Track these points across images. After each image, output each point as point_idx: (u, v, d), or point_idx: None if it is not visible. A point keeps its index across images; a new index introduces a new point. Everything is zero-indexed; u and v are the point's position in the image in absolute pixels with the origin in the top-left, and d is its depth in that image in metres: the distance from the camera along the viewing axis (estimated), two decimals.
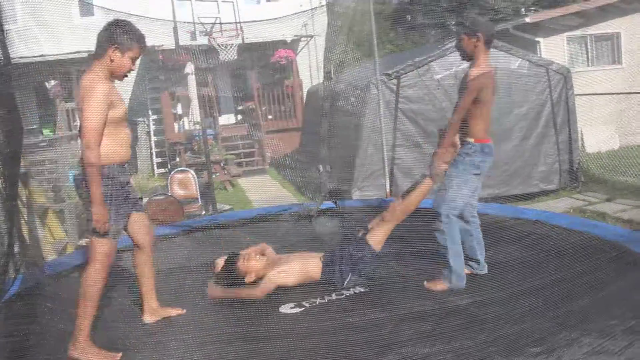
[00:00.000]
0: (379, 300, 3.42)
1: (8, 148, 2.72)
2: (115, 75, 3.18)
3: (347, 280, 3.66)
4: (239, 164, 13.82)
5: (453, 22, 3.73)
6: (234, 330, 3.17)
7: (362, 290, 3.62)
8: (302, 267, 3.75)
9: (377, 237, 3.74)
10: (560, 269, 3.52)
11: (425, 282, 3.60)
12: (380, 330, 3.03)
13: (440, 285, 3.54)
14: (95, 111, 2.95)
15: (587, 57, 13.14)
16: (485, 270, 3.73)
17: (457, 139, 3.56)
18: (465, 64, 3.77)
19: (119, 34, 3.12)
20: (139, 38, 3.20)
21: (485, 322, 3.02)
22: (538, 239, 4.14)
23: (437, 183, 3.67)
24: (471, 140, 3.55)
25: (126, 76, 3.23)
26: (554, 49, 12.60)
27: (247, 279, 3.69)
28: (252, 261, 3.74)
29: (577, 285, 3.27)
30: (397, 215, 3.77)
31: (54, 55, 12.37)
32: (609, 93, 10.29)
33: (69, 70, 13.58)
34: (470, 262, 3.70)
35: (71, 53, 12.85)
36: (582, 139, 11.04)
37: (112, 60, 3.12)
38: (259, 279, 3.70)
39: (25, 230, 5.38)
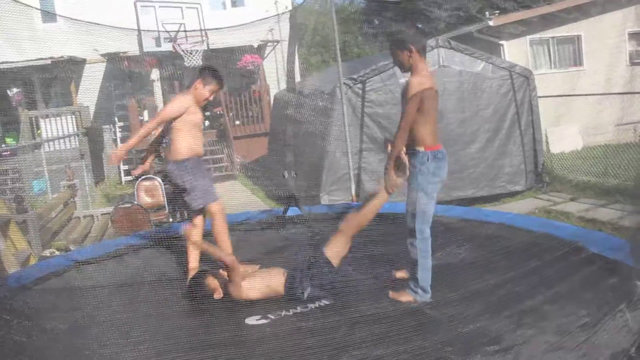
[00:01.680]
0: (335, 305, 3.43)
1: None
2: (197, 100, 4.34)
3: (307, 292, 3.66)
4: (207, 170, 13.72)
5: (387, 37, 3.80)
6: (195, 339, 3.15)
7: (327, 302, 3.61)
8: (266, 283, 3.76)
9: (334, 251, 3.74)
10: (514, 268, 3.57)
11: (390, 293, 3.60)
12: (334, 333, 3.04)
13: (405, 297, 3.53)
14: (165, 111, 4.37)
15: (550, 60, 13.40)
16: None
17: (403, 153, 3.56)
18: (429, 67, 3.79)
19: (205, 73, 4.35)
20: (218, 79, 4.38)
21: (440, 323, 3.05)
22: (492, 239, 4.20)
23: (392, 195, 3.69)
24: (422, 149, 3.54)
25: (205, 102, 4.41)
26: (517, 51, 12.82)
27: (216, 296, 3.72)
28: (218, 278, 3.79)
29: (531, 284, 3.33)
30: (352, 228, 3.79)
31: (15, 62, 12.15)
32: (572, 95, 10.48)
33: (31, 78, 13.36)
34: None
35: (33, 60, 12.63)
36: (546, 140, 11.22)
37: (195, 89, 4.35)
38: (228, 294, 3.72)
39: None
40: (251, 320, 3.46)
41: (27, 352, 2.94)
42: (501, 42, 13.02)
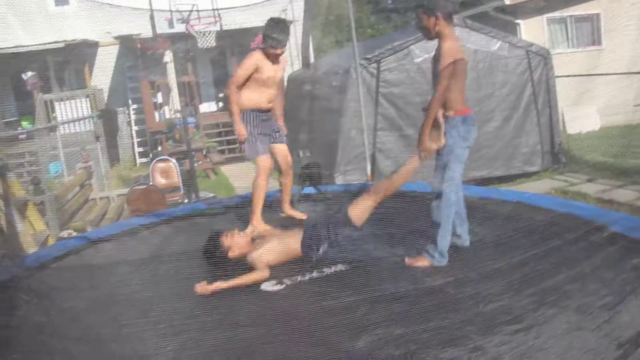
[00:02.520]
0: (358, 280, 3.42)
1: None
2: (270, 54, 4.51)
3: (322, 249, 3.65)
4: (221, 152, 13.75)
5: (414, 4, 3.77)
6: (214, 317, 3.16)
7: (342, 268, 3.62)
8: (283, 244, 3.76)
9: (358, 211, 3.73)
10: (534, 247, 3.53)
11: (406, 259, 3.60)
12: (355, 312, 3.03)
13: (422, 262, 3.54)
14: (239, 70, 4.59)
15: (567, 38, 13.19)
16: (466, 244, 3.76)
17: (440, 117, 3.54)
18: None
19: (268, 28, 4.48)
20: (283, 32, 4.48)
21: (461, 302, 3.03)
22: (513, 219, 4.16)
23: (424, 161, 3.66)
24: (451, 113, 3.53)
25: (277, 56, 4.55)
26: (534, 30, 12.64)
27: (231, 254, 3.71)
28: (236, 237, 3.77)
29: (552, 263, 3.29)
30: (380, 191, 3.77)
31: (30, 46, 12.19)
32: (589, 74, 10.34)
33: (46, 61, 13.40)
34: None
35: (47, 43, 12.66)
36: (563, 120, 11.09)
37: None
38: (242, 256, 3.71)
39: (4, 222, 5.33)
40: (267, 286, 3.47)
41: (47, 330, 2.96)
42: (517, 21, 12.84)
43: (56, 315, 3.22)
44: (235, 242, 3.75)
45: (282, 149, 4.78)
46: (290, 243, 3.75)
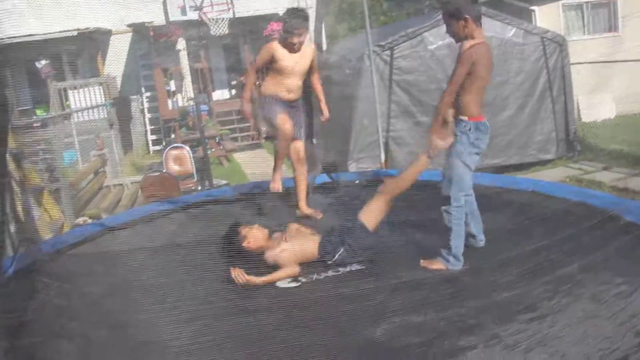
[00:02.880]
0: (373, 271, 3.43)
1: None
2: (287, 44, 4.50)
3: (339, 254, 3.66)
4: (234, 139, 13.78)
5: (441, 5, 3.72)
6: (230, 304, 3.19)
7: (358, 267, 3.62)
8: (300, 246, 3.75)
9: (370, 215, 3.71)
10: (549, 235, 3.53)
11: (421, 261, 3.59)
12: (373, 300, 3.04)
13: (436, 265, 3.51)
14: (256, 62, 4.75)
15: (584, 25, 13.03)
16: (481, 244, 3.73)
17: (449, 115, 3.50)
18: None
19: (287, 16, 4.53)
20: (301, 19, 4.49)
21: (477, 290, 3.04)
22: (527, 207, 4.15)
23: (432, 159, 3.64)
24: (465, 118, 3.47)
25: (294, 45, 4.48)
26: (549, 17, 12.50)
27: (245, 244, 3.73)
28: (254, 230, 3.79)
29: (566, 252, 3.29)
30: (390, 192, 3.75)
31: (42, 34, 12.24)
32: (605, 61, 10.22)
33: (59, 50, 13.45)
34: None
35: (61, 32, 12.70)
36: (578, 108, 11.00)
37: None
38: (259, 249, 3.73)
39: (20, 209, 5.39)
40: (282, 283, 3.49)
41: (66, 314, 3.00)
42: (532, 7, 12.69)
43: (75, 300, 3.27)
44: (253, 234, 3.76)
45: (295, 143, 4.74)
46: (308, 246, 3.75)
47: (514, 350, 2.48)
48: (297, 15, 4.53)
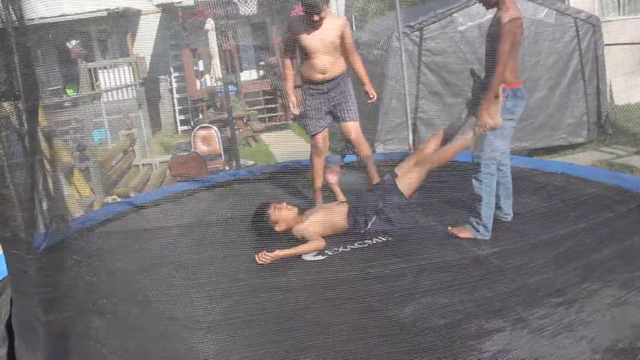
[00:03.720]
0: (401, 250, 3.43)
1: (26, 103, 2.76)
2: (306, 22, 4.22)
3: (371, 222, 3.66)
4: (262, 120, 13.81)
5: None
6: (258, 282, 3.23)
7: (384, 239, 3.63)
8: (329, 217, 3.77)
9: (408, 182, 3.71)
10: (581, 219, 3.48)
11: (449, 228, 3.59)
12: (401, 280, 3.05)
13: (465, 234, 3.53)
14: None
15: (619, 5, 12.68)
16: (508, 219, 3.72)
17: (500, 92, 3.46)
18: (489, 15, 3.67)
19: None
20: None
21: (506, 273, 3.02)
22: (559, 190, 4.09)
23: (478, 137, 3.60)
24: (503, 85, 3.43)
25: (314, 22, 4.19)
26: None
27: (277, 228, 3.76)
28: (283, 211, 3.80)
29: (598, 237, 3.24)
30: (430, 162, 3.73)
31: (74, 14, 12.35)
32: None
33: (89, 30, 13.57)
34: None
35: (91, 12, 12.81)
36: (610, 90, 10.76)
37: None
38: (289, 230, 3.77)
39: (51, 186, 5.49)
40: (308, 257, 3.52)
41: (97, 290, 3.06)
42: None
43: (105, 276, 3.33)
44: (282, 216, 3.78)
45: (344, 126, 4.49)
46: (336, 217, 3.76)
47: (540, 334, 2.47)
48: None
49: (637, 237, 3.20)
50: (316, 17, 4.17)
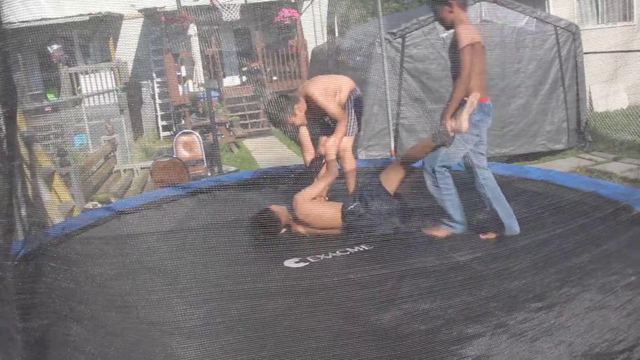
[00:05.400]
0: (382, 256, 3.46)
1: (4, 107, 2.74)
2: None
3: (352, 205, 3.75)
4: (244, 126, 13.79)
5: None
6: (239, 288, 3.21)
7: (366, 248, 3.65)
8: (324, 214, 3.88)
9: (389, 179, 3.83)
10: (560, 225, 3.52)
11: (424, 230, 3.69)
12: (382, 286, 3.06)
13: (440, 232, 3.64)
14: None
15: (597, 14, 12.88)
16: (516, 231, 3.65)
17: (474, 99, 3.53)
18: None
19: None
20: None
21: (485, 278, 3.04)
22: (538, 196, 4.14)
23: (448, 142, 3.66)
24: (466, 99, 3.51)
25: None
26: (563, 5, 12.36)
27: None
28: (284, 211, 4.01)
29: (576, 242, 3.28)
30: (407, 158, 3.90)
31: (54, 18, 12.26)
32: (618, 51, 10.11)
33: (70, 34, 13.48)
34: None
35: (72, 16, 12.72)
36: (590, 97, 10.90)
37: None
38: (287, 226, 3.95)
39: (30, 192, 5.43)
40: (290, 263, 3.51)
41: (76, 296, 3.03)
42: None
43: (84, 283, 3.30)
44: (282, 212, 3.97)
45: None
46: (332, 216, 3.85)
47: (520, 339, 2.48)
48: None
49: (614, 242, 3.24)
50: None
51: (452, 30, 3.61)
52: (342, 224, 3.83)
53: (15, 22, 3.33)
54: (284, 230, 4.00)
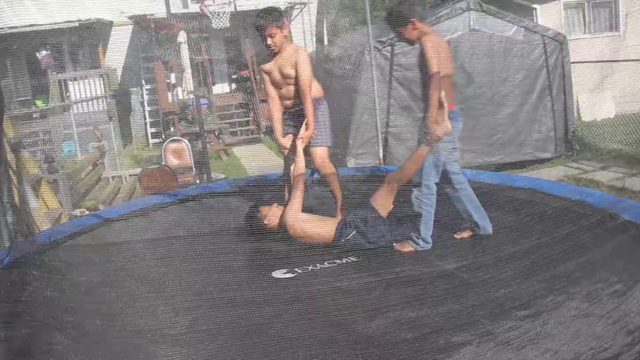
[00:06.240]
0: (369, 265, 3.46)
1: None
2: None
3: (349, 236, 3.72)
4: (234, 133, 13.78)
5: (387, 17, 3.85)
6: (225, 296, 3.20)
7: (353, 259, 3.64)
8: (319, 225, 3.87)
9: (380, 202, 3.80)
10: (546, 233, 3.54)
11: (395, 244, 3.71)
12: (369, 294, 3.06)
13: (407, 248, 3.67)
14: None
15: (584, 24, 13.01)
16: (489, 231, 3.77)
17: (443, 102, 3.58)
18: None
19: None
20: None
21: (472, 286, 3.04)
22: (524, 205, 4.16)
23: (431, 146, 3.68)
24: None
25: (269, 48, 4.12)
26: (550, 15, 12.48)
27: (267, 223, 3.94)
28: (273, 208, 3.98)
29: (563, 250, 3.29)
30: (394, 180, 3.80)
31: (43, 25, 12.21)
32: (605, 61, 10.20)
33: (59, 41, 13.44)
34: (474, 227, 3.80)
35: (61, 23, 12.68)
36: (577, 107, 10.98)
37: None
38: (279, 226, 3.92)
39: (17, 198, 5.38)
40: (278, 274, 3.49)
41: (60, 305, 3.00)
42: (534, 5, 12.67)
43: (69, 290, 3.27)
44: (272, 212, 3.96)
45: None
46: (325, 229, 3.84)
47: (506, 347, 2.48)
48: (264, 15, 4.11)
49: (600, 250, 3.26)
50: (269, 41, 4.07)
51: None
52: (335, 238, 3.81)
53: (4, 28, 3.31)
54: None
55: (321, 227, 3.84)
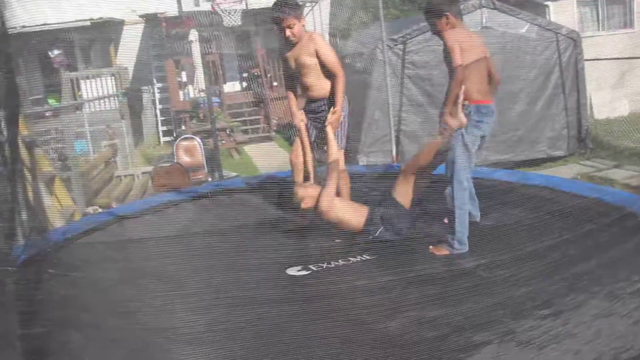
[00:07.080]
0: (386, 265, 3.42)
1: (5, 110, 2.72)
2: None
3: (379, 231, 3.70)
4: (245, 131, 13.79)
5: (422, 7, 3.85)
6: (242, 295, 3.18)
7: (368, 257, 3.61)
8: (352, 211, 3.83)
9: (401, 194, 3.78)
10: (566, 232, 3.50)
11: (430, 247, 3.61)
12: (388, 293, 3.04)
13: (442, 251, 3.55)
14: None
15: (598, 21, 12.89)
16: (477, 219, 3.77)
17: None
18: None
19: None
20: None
21: (492, 285, 3.01)
22: (544, 203, 4.11)
23: (446, 138, 3.65)
24: (466, 102, 3.57)
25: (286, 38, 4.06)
26: (564, 12, 12.37)
27: (303, 205, 3.86)
28: (309, 189, 3.93)
29: (582, 248, 3.26)
30: (409, 168, 3.81)
31: (55, 24, 12.26)
32: (619, 58, 10.12)
33: (71, 39, 13.49)
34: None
35: (74, 22, 12.73)
36: (590, 104, 10.89)
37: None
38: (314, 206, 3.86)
39: (31, 196, 5.40)
40: (292, 271, 3.47)
41: (76, 303, 3.00)
42: (547, 2, 12.57)
43: (85, 288, 3.27)
44: (309, 194, 3.88)
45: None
46: (356, 217, 3.80)
47: (527, 346, 2.46)
48: (282, 6, 4.08)
49: (620, 249, 3.22)
50: (288, 33, 4.02)
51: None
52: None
53: (16, 27, 3.32)
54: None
55: (353, 216, 3.80)
